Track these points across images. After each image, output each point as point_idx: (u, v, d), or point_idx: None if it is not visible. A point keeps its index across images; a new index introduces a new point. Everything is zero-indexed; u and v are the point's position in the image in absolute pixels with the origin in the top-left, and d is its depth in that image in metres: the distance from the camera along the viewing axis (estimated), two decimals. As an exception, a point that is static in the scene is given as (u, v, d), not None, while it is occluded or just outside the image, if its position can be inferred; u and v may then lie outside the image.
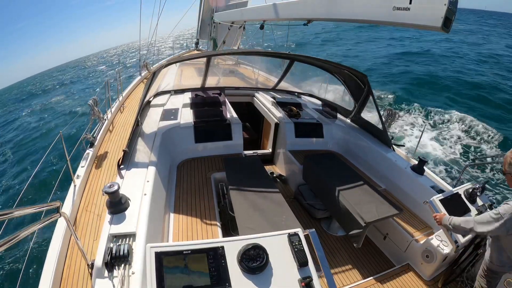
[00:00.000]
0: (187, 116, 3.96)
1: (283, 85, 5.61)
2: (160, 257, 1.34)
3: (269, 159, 4.67)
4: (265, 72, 6.87)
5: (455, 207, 2.46)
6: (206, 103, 4.24)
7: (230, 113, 4.20)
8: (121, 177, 2.44)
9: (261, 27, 5.18)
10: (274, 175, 4.22)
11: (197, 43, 10.44)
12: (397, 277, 2.56)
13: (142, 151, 2.92)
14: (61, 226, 2.04)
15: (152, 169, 2.60)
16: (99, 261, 1.60)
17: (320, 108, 4.89)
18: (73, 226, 1.76)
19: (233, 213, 2.47)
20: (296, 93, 5.64)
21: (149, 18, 7.60)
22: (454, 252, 2.39)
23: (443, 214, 2.27)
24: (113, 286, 1.52)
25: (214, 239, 1.55)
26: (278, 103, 4.75)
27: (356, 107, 4.17)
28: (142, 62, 7.07)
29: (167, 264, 1.33)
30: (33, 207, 1.30)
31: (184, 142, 3.68)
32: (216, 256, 1.42)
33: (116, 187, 1.88)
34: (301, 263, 1.47)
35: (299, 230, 1.62)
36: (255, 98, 5.38)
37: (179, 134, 3.66)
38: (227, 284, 1.34)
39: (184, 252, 1.39)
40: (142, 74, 6.71)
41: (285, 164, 4.28)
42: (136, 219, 1.94)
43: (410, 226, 2.83)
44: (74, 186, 2.55)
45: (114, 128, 3.97)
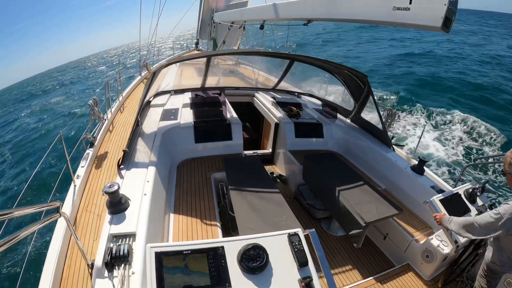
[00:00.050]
0: (187, 116, 3.96)
1: (283, 85, 5.61)
2: (160, 257, 1.34)
3: (269, 159, 4.67)
4: (265, 72, 6.86)
5: (455, 207, 2.47)
6: (206, 103, 4.24)
7: (230, 113, 4.20)
8: (121, 177, 2.44)
9: (261, 27, 5.19)
10: (274, 175, 4.22)
11: (197, 43, 10.44)
12: (397, 277, 2.56)
13: (142, 151, 2.92)
14: (61, 226, 2.04)
15: (152, 169, 2.60)
16: (99, 261, 1.60)
17: (320, 108, 4.89)
18: (73, 226, 1.76)
19: (233, 213, 2.47)
20: (296, 93, 5.64)
21: (149, 18, 7.60)
22: (454, 252, 2.39)
23: (443, 214, 2.27)
24: (113, 286, 1.52)
25: (214, 239, 1.55)
26: (278, 103, 4.74)
27: (356, 107, 4.17)
28: (142, 62, 7.08)
29: (167, 264, 1.33)
30: (33, 207, 1.30)
31: (184, 142, 3.68)
32: (216, 256, 1.42)
33: (116, 187, 1.88)
34: (301, 263, 1.47)
35: (299, 230, 1.62)
36: (255, 98, 5.38)
37: (179, 134, 3.66)
38: (227, 284, 1.34)
39: (184, 252, 1.39)
40: (142, 74, 6.71)
41: (285, 164, 4.28)
42: (136, 219, 1.93)
43: (410, 226, 2.83)
44: (74, 186, 2.55)
45: (114, 128, 3.96)
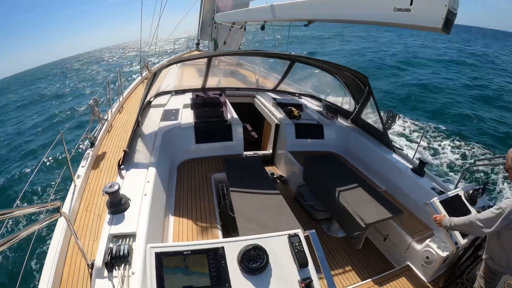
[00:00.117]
0: (188, 117, 3.96)
1: (284, 86, 5.62)
2: (160, 258, 1.34)
3: (270, 160, 4.67)
4: (266, 73, 6.87)
5: (456, 209, 2.46)
6: (207, 104, 4.24)
7: (231, 114, 4.20)
8: (122, 177, 2.44)
9: (262, 28, 5.19)
10: (275, 176, 4.22)
11: (198, 44, 10.46)
12: (397, 279, 2.56)
13: (143, 152, 2.92)
14: (61, 226, 2.04)
15: (153, 170, 2.60)
16: (99, 261, 1.60)
17: (321, 109, 4.90)
18: (73, 226, 1.76)
19: (233, 214, 2.47)
20: (297, 94, 5.64)
21: (149, 19, 7.59)
22: (454, 254, 2.38)
23: (443, 216, 2.27)
24: (113, 286, 1.52)
25: (214, 240, 1.55)
26: (279, 104, 4.75)
27: (357, 108, 4.17)
28: (143, 63, 7.08)
29: (167, 265, 1.33)
30: (34, 207, 1.31)
31: (185, 143, 3.68)
32: (216, 257, 1.41)
33: (117, 187, 1.88)
34: (301, 264, 1.47)
35: (299, 231, 1.62)
36: (256, 99, 5.38)
37: (180, 135, 3.66)
38: (227, 285, 1.34)
39: (184, 253, 1.39)
40: (143, 75, 6.72)
41: (286, 165, 4.27)
42: (136, 220, 1.93)
43: (410, 228, 2.82)
44: (75, 186, 2.55)
45: (115, 129, 3.97)
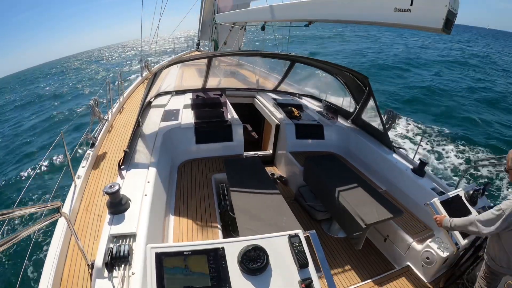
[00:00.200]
0: (188, 117, 3.96)
1: (284, 87, 5.62)
2: (161, 258, 1.34)
3: (270, 161, 4.67)
4: (266, 74, 6.87)
5: (456, 209, 2.46)
6: (207, 104, 4.24)
7: (231, 114, 4.21)
8: (122, 178, 2.45)
9: (262, 28, 5.21)
10: (275, 177, 4.22)
11: (198, 44, 10.47)
12: (398, 279, 2.56)
13: (143, 152, 2.93)
14: (62, 226, 2.04)
15: (153, 170, 2.60)
16: (99, 262, 1.60)
17: (321, 110, 4.90)
18: (74, 226, 1.76)
19: (234, 214, 2.47)
20: (297, 95, 5.65)
21: (149, 18, 7.57)
22: (455, 254, 2.38)
23: (444, 216, 2.27)
24: (113, 287, 1.52)
25: (215, 240, 1.55)
26: (279, 105, 4.75)
27: (357, 109, 4.17)
28: (143, 63, 7.09)
29: (167, 265, 1.33)
30: (34, 207, 1.31)
31: (185, 143, 3.68)
32: (217, 257, 1.41)
33: (117, 188, 1.88)
34: (301, 265, 1.47)
35: (300, 232, 1.62)
36: (256, 99, 5.38)
37: (180, 135, 3.66)
38: (227, 285, 1.34)
39: (185, 253, 1.39)
40: (143, 75, 6.72)
41: (286, 166, 4.27)
42: (137, 220, 1.94)
43: (411, 228, 2.82)
44: (75, 186, 2.55)
45: (115, 129, 3.97)
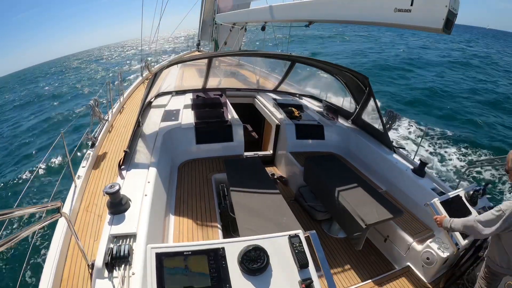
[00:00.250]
0: (188, 117, 3.96)
1: (284, 87, 5.62)
2: (161, 258, 1.34)
3: (270, 161, 4.67)
4: (266, 74, 6.88)
5: (456, 210, 2.46)
6: (207, 104, 4.24)
7: (231, 114, 4.21)
8: (122, 178, 2.45)
9: (263, 29, 5.21)
10: (275, 177, 4.21)
11: (199, 44, 10.48)
12: (398, 280, 2.56)
13: (143, 152, 2.93)
14: (62, 226, 2.04)
15: (153, 170, 2.60)
16: (100, 262, 1.60)
17: (321, 110, 4.90)
18: (74, 227, 1.76)
19: (234, 214, 2.47)
20: (297, 95, 5.65)
21: (148, 17, 7.57)
22: (455, 255, 2.38)
23: (444, 217, 2.27)
24: (113, 287, 1.52)
25: (215, 240, 1.55)
26: (279, 105, 4.75)
27: (357, 109, 4.16)
28: (144, 63, 7.09)
29: (168, 265, 1.33)
30: (34, 207, 1.31)
31: (185, 143, 3.68)
32: (217, 257, 1.41)
33: (117, 188, 1.88)
34: (302, 265, 1.47)
35: (300, 232, 1.62)
36: (256, 100, 5.38)
37: (180, 135, 3.66)
38: (228, 286, 1.34)
39: (185, 253, 1.39)
40: (143, 75, 6.73)
41: (286, 166, 4.27)
42: (137, 220, 1.94)
43: (411, 229, 2.82)
44: (75, 187, 2.55)
45: (115, 129, 3.97)
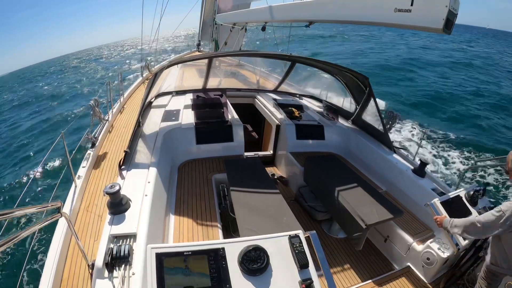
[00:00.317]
0: (189, 117, 3.96)
1: (285, 87, 5.62)
2: (161, 258, 1.34)
3: (270, 161, 4.67)
4: (267, 74, 6.88)
5: (456, 210, 2.46)
6: (207, 105, 4.24)
7: (232, 115, 4.21)
8: (122, 178, 2.45)
9: (263, 29, 5.21)
10: (275, 177, 4.22)
11: (199, 44, 10.49)
12: (398, 280, 2.56)
13: (143, 152, 2.93)
14: (62, 227, 2.04)
15: (153, 170, 2.60)
16: (100, 262, 1.60)
17: (321, 110, 4.90)
18: (74, 227, 1.76)
19: (234, 215, 2.47)
20: (298, 95, 5.65)
21: (147, 17, 7.56)
22: (455, 255, 2.38)
23: (444, 217, 2.27)
24: (114, 287, 1.52)
25: (215, 241, 1.55)
26: (280, 105, 4.75)
27: (358, 109, 4.16)
28: (144, 63, 7.10)
29: (168, 265, 1.33)
30: (34, 207, 1.31)
31: (185, 143, 3.68)
32: (217, 258, 1.41)
33: (117, 188, 1.89)
34: (302, 265, 1.47)
35: (300, 232, 1.62)
36: (257, 100, 5.38)
37: (180, 135, 3.66)
38: (228, 286, 1.34)
39: (185, 253, 1.39)
40: (144, 75, 6.73)
41: (286, 166, 4.27)
42: (137, 220, 1.94)
43: (411, 229, 2.82)
44: (75, 187, 2.55)
45: (115, 129, 3.97)
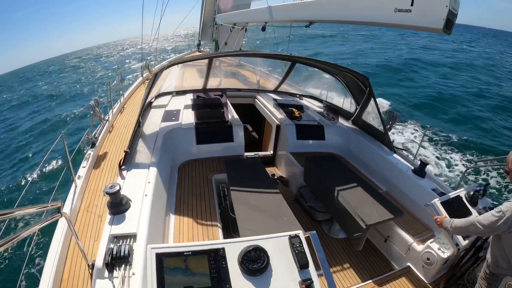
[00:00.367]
0: (189, 118, 3.96)
1: (285, 87, 5.62)
2: (161, 258, 1.34)
3: (270, 161, 4.67)
4: (267, 74, 6.88)
5: (456, 210, 2.46)
6: (208, 105, 4.24)
7: (232, 115, 4.20)
8: (122, 178, 2.45)
9: (263, 29, 5.21)
10: (275, 177, 4.21)
11: (199, 45, 10.50)
12: (398, 280, 2.55)
13: (143, 152, 2.93)
14: (62, 227, 2.04)
15: (153, 170, 2.60)
16: (100, 262, 1.60)
17: (322, 110, 4.90)
18: (74, 227, 1.76)
19: (234, 215, 2.47)
20: (298, 95, 5.65)
21: (147, 16, 7.56)
22: (455, 255, 2.38)
23: (444, 217, 2.27)
24: (114, 287, 1.52)
25: (215, 241, 1.55)
26: (280, 105, 4.74)
27: (358, 110, 4.16)
28: (144, 63, 7.10)
29: (168, 265, 1.33)
30: (34, 207, 1.31)
31: (186, 143, 3.68)
32: (217, 258, 1.41)
33: (117, 188, 1.89)
34: (302, 265, 1.47)
35: (300, 232, 1.62)
36: (257, 100, 5.38)
37: (181, 135, 3.66)
38: (228, 286, 1.34)
39: (185, 253, 1.39)
40: (144, 75, 6.73)
41: (286, 166, 4.27)
42: (137, 220, 1.94)
43: (411, 229, 2.82)
44: (75, 187, 2.55)
45: (116, 129, 3.97)
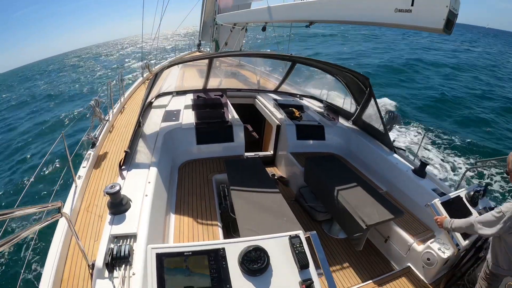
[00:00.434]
0: (189, 118, 3.97)
1: (285, 87, 5.62)
2: (161, 258, 1.34)
3: (271, 161, 4.67)
4: (267, 74, 6.88)
5: (457, 210, 2.46)
6: (208, 105, 4.25)
7: (232, 115, 4.21)
8: (123, 178, 2.45)
9: (263, 29, 5.21)
10: (275, 177, 4.21)
11: (199, 45, 10.50)
12: (398, 280, 2.55)
13: (144, 152, 2.93)
14: (62, 227, 2.04)
15: (154, 170, 2.60)
16: (100, 262, 1.60)
17: (322, 110, 4.90)
18: (74, 227, 1.76)
19: (234, 215, 2.47)
20: (298, 95, 5.65)
21: (147, 15, 7.57)
22: (455, 255, 2.38)
23: (444, 217, 2.27)
24: (114, 287, 1.52)
25: (215, 241, 1.55)
26: (280, 105, 4.74)
27: (358, 110, 4.16)
28: (144, 63, 7.10)
29: (168, 265, 1.33)
30: (35, 207, 1.31)
31: (186, 144, 3.68)
32: (217, 258, 1.41)
33: (118, 188, 1.89)
34: (302, 265, 1.47)
35: (300, 232, 1.62)
36: (257, 100, 5.39)
37: (181, 136, 3.67)
38: (228, 286, 1.34)
39: (185, 254, 1.39)
40: (144, 75, 6.73)
41: (287, 166, 4.27)
42: (137, 220, 1.94)
43: (411, 229, 2.82)
44: (76, 187, 2.55)
45: (116, 129, 3.97)
